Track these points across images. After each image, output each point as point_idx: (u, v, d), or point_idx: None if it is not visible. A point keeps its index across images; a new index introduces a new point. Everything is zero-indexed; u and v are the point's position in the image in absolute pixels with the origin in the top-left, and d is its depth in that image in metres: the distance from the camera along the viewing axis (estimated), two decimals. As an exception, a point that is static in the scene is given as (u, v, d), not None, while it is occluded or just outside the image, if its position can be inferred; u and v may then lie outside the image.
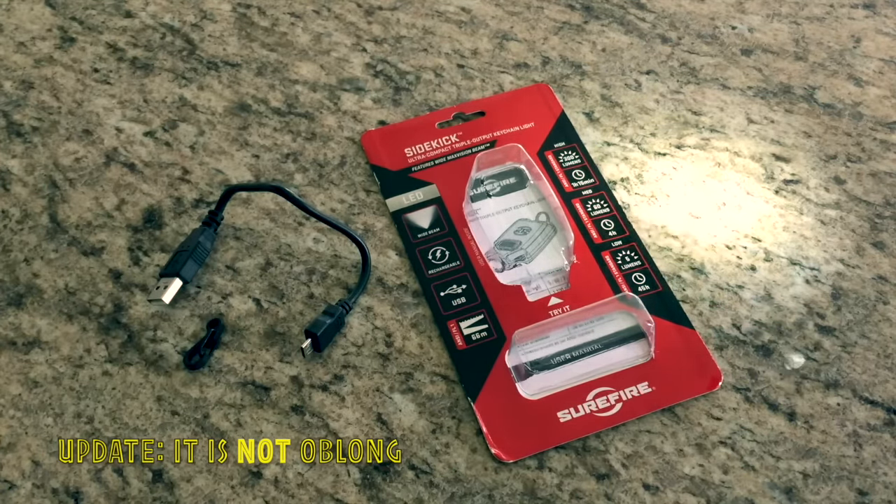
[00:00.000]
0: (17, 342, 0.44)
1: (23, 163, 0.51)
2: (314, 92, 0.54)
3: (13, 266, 0.47)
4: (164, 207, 0.49)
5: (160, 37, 0.58)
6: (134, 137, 0.52)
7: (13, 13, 0.59)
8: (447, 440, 0.41)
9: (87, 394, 0.43)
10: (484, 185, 0.50)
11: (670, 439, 0.41)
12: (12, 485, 0.40)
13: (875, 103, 0.54)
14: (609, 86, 0.55)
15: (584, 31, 0.58)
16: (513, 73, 0.55)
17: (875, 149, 0.52)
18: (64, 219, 0.49)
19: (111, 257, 0.47)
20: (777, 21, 0.58)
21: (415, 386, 0.43)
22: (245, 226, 0.48)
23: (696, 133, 0.52)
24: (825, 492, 0.39)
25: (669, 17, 0.58)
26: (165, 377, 0.43)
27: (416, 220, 0.48)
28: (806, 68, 0.56)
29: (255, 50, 0.57)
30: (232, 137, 0.52)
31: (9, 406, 0.42)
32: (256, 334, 0.44)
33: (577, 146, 0.51)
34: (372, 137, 0.52)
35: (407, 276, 0.46)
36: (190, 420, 0.42)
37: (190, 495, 0.40)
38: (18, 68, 0.56)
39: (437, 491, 0.39)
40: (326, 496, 0.39)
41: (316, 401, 0.42)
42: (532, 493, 0.39)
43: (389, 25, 0.58)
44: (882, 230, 0.48)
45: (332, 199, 0.49)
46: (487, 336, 0.44)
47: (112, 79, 0.55)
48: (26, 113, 0.54)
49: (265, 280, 0.46)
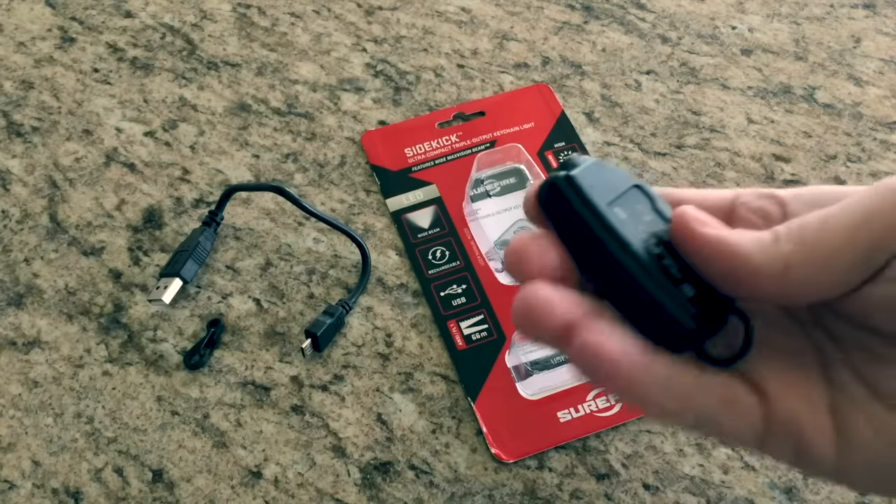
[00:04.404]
0: (17, 342, 0.44)
1: (23, 163, 0.51)
2: (314, 92, 0.54)
3: (13, 266, 0.47)
4: (164, 207, 0.49)
5: (160, 37, 0.58)
6: (134, 137, 0.52)
7: (13, 13, 0.59)
8: (447, 440, 0.41)
9: (87, 394, 0.43)
10: (484, 185, 0.50)
11: (670, 439, 0.41)
12: (12, 485, 0.40)
13: (875, 103, 0.54)
14: (609, 86, 0.55)
15: (584, 31, 0.58)
16: (513, 73, 0.55)
17: (875, 149, 0.52)
18: (64, 219, 0.49)
19: (111, 257, 0.47)
20: (777, 21, 0.58)
21: (415, 386, 0.43)
22: (245, 226, 0.48)
23: (696, 133, 0.52)
24: (825, 492, 0.39)
25: (669, 17, 0.58)
26: (165, 377, 0.43)
27: (416, 220, 0.48)
28: (806, 68, 0.56)
29: (255, 50, 0.57)
30: (232, 137, 0.52)
31: (9, 406, 0.42)
32: (256, 334, 0.44)
33: (577, 146, 0.51)
34: (372, 137, 0.52)
35: (407, 276, 0.46)
36: (190, 420, 0.42)
37: (190, 495, 0.40)
38: (18, 68, 0.56)
39: (437, 491, 0.39)
40: (326, 496, 0.39)
41: (316, 401, 0.42)
42: (532, 493, 0.39)
43: (389, 25, 0.58)
44: (882, 230, 0.48)
45: (332, 199, 0.49)
46: (487, 336, 0.44)
47: (112, 79, 0.55)
48: (26, 113, 0.54)
49: (265, 280, 0.46)
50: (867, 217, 0.24)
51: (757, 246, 0.25)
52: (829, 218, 0.25)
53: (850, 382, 0.27)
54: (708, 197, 0.29)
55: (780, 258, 0.25)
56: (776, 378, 0.28)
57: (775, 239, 0.25)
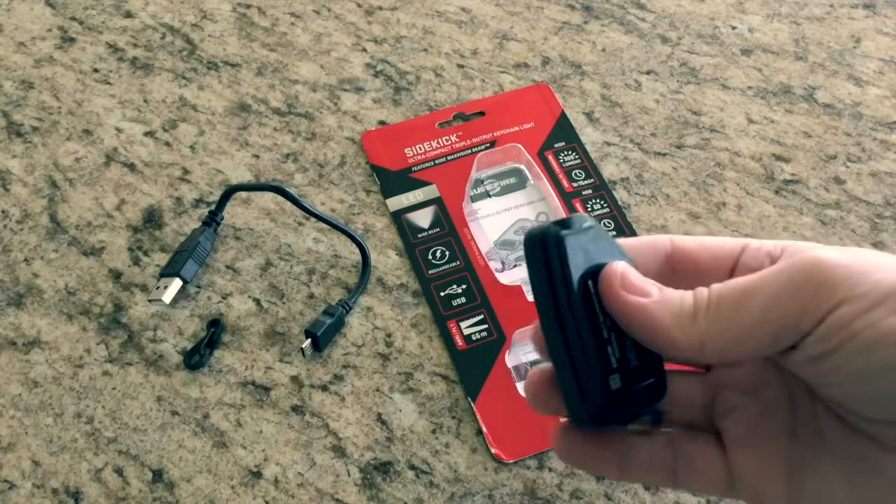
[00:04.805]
0: (17, 342, 0.44)
1: (23, 163, 0.51)
2: (314, 92, 0.54)
3: (13, 266, 0.47)
4: (164, 207, 0.49)
5: (160, 37, 0.58)
6: (134, 137, 0.52)
7: (13, 13, 0.59)
8: (447, 440, 0.41)
9: (87, 394, 0.43)
10: (484, 185, 0.50)
11: (670, 439, 0.41)
12: (12, 485, 0.40)
13: (875, 103, 0.54)
14: (609, 86, 0.55)
15: (584, 31, 0.58)
16: (513, 73, 0.55)
17: (875, 149, 0.52)
18: (64, 219, 0.49)
19: (111, 257, 0.47)
20: (777, 21, 0.58)
21: (415, 386, 0.43)
22: (245, 226, 0.48)
23: (696, 133, 0.52)
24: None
25: (669, 17, 0.58)
26: (165, 377, 0.43)
27: (416, 220, 0.48)
28: (806, 68, 0.56)
29: (255, 50, 0.57)
30: (232, 137, 0.52)
31: (9, 406, 0.42)
32: (256, 334, 0.44)
33: (577, 146, 0.51)
34: (372, 137, 0.52)
35: (407, 276, 0.46)
36: (190, 420, 0.42)
37: (190, 495, 0.40)
38: (18, 68, 0.56)
39: (437, 491, 0.39)
40: (326, 496, 0.39)
41: (316, 401, 0.42)
42: (532, 492, 0.39)
43: (389, 25, 0.58)
44: (882, 230, 0.48)
45: (332, 199, 0.49)
46: (487, 336, 0.44)
47: (112, 79, 0.55)
48: (26, 113, 0.54)
49: (265, 280, 0.46)
50: (777, 298, 0.25)
51: (675, 321, 0.26)
52: (744, 295, 0.25)
53: (811, 437, 0.28)
54: (713, 247, 0.29)
55: (696, 335, 0.26)
56: (739, 436, 0.29)
57: (693, 315, 0.26)
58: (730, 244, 0.29)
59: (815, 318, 0.24)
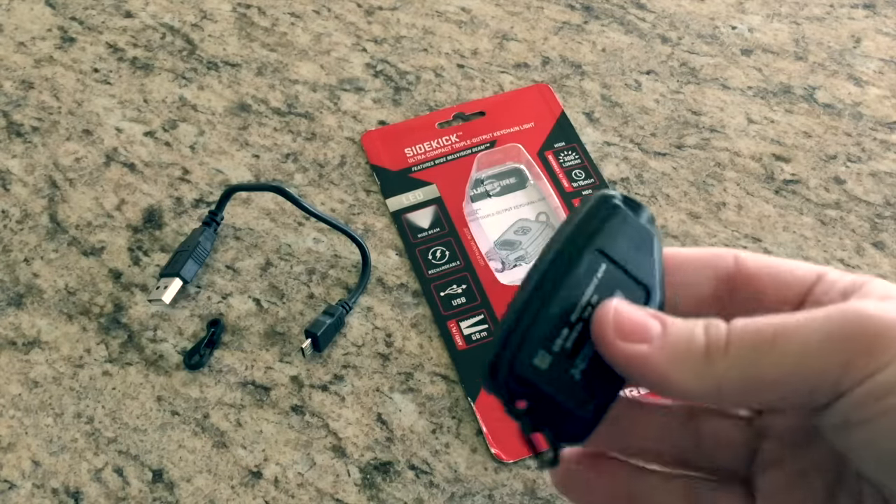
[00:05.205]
0: (17, 342, 0.44)
1: (23, 163, 0.51)
2: (314, 92, 0.54)
3: (13, 266, 0.47)
4: (164, 207, 0.49)
5: (160, 37, 0.58)
6: (134, 137, 0.52)
7: (13, 13, 0.59)
8: (447, 440, 0.41)
9: (87, 394, 0.43)
10: (484, 185, 0.50)
11: (670, 439, 0.41)
12: (12, 485, 0.40)
13: (875, 103, 0.54)
14: (609, 86, 0.55)
15: (584, 31, 0.58)
16: (513, 73, 0.55)
17: (875, 149, 0.52)
18: (64, 219, 0.49)
19: (111, 257, 0.47)
20: (777, 21, 0.58)
21: (415, 386, 0.43)
22: (245, 226, 0.48)
23: (696, 133, 0.52)
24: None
25: (669, 17, 0.58)
26: (165, 377, 0.43)
27: (416, 220, 0.48)
28: (806, 68, 0.56)
29: (255, 50, 0.57)
30: (232, 137, 0.52)
31: (9, 406, 0.42)
32: (256, 334, 0.44)
33: (577, 146, 0.51)
34: (372, 137, 0.52)
35: (407, 276, 0.46)
36: (190, 420, 0.42)
37: (190, 495, 0.40)
38: (18, 68, 0.56)
39: (437, 491, 0.39)
40: (326, 496, 0.39)
41: (316, 401, 0.42)
42: (532, 493, 0.39)
43: (389, 25, 0.58)
44: (882, 230, 0.48)
45: (332, 199, 0.49)
46: (487, 336, 0.44)
47: (112, 79, 0.55)
48: (26, 113, 0.54)
49: (265, 280, 0.46)
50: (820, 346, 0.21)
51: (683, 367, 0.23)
52: (778, 336, 0.22)
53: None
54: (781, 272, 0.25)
55: (712, 379, 0.22)
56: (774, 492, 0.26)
57: (705, 354, 0.22)
58: (803, 271, 0.25)
59: (857, 378, 0.21)
